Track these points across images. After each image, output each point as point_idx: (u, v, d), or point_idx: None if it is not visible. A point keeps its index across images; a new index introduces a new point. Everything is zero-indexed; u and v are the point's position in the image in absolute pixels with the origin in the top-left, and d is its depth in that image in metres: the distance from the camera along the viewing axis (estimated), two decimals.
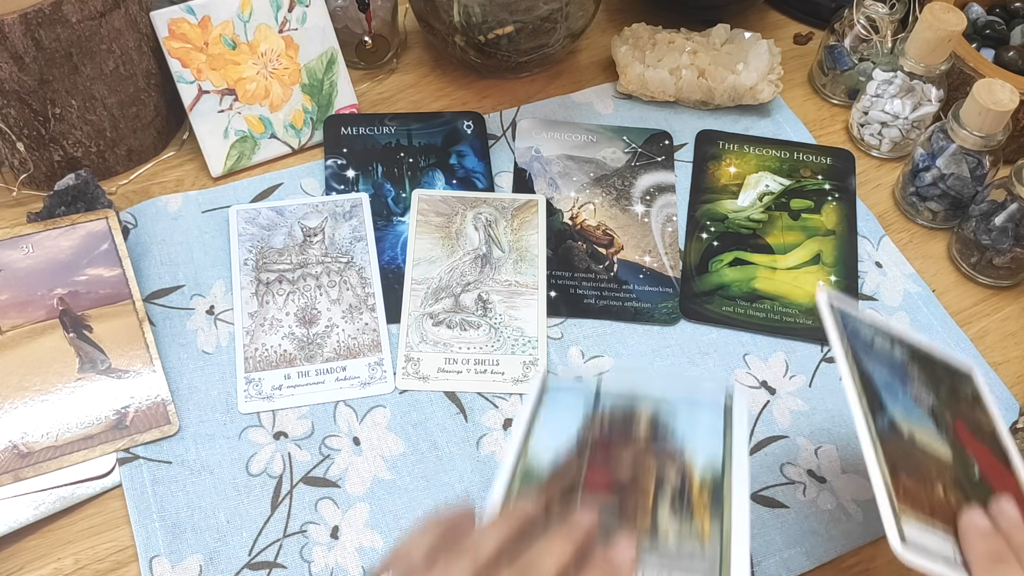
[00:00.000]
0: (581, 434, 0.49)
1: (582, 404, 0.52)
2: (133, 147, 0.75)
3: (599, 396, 0.52)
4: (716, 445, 0.49)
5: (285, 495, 0.59)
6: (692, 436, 0.49)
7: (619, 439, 0.49)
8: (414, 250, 0.70)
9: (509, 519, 0.40)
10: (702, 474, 0.47)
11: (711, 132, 0.80)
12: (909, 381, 0.50)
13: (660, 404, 0.51)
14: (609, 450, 0.48)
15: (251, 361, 0.64)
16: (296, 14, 0.75)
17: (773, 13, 0.92)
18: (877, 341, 0.51)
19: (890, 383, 0.49)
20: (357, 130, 0.77)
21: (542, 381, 0.54)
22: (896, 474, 0.44)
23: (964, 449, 0.48)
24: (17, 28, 0.62)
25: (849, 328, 0.50)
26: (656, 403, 0.51)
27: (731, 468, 0.47)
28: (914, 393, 0.49)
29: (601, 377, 0.54)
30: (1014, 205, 0.68)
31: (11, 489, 0.58)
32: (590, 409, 0.51)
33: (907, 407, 0.48)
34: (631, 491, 0.46)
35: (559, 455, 0.48)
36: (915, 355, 0.52)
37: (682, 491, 0.46)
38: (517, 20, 0.74)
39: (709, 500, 0.46)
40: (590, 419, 0.50)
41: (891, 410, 0.47)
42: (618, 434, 0.49)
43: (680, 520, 0.45)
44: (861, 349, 0.49)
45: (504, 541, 0.39)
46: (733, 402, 0.51)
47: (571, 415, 0.51)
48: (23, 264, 0.65)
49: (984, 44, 0.82)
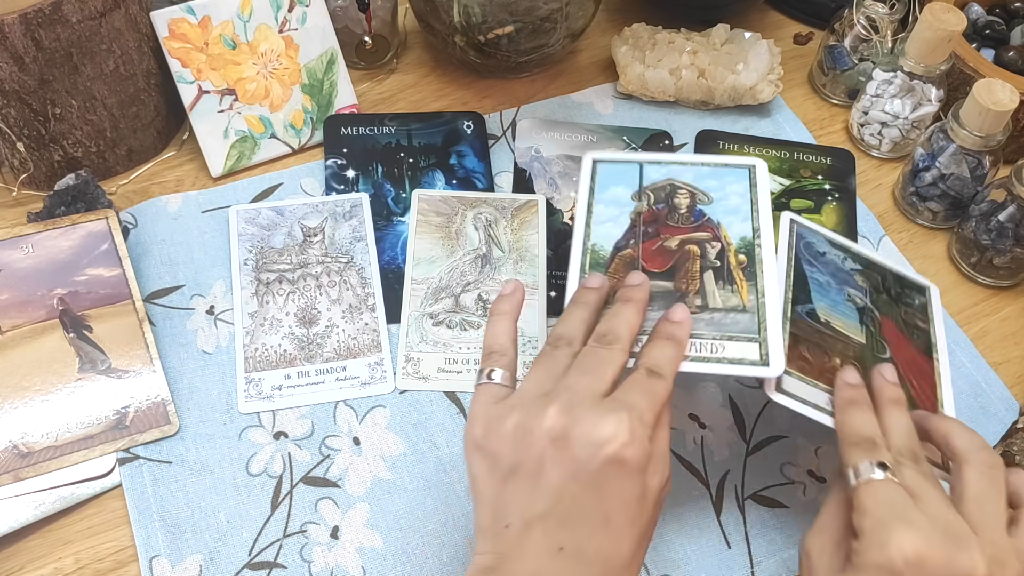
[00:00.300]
0: (634, 207, 0.60)
1: (630, 177, 0.62)
2: (133, 147, 0.75)
3: (643, 170, 0.62)
4: (745, 215, 0.59)
5: (285, 495, 0.59)
6: (725, 206, 0.60)
7: (664, 212, 0.60)
8: (414, 250, 0.70)
9: (587, 304, 0.52)
10: (737, 245, 0.58)
11: (711, 132, 0.80)
12: (848, 285, 0.61)
13: (696, 178, 0.62)
14: (658, 222, 0.59)
15: (251, 361, 0.64)
16: (296, 14, 0.75)
17: (773, 13, 0.93)
18: (830, 253, 0.63)
19: (826, 284, 0.60)
20: (357, 130, 0.77)
21: (592, 159, 0.63)
22: (796, 346, 0.55)
23: (881, 336, 0.59)
24: (17, 28, 0.62)
25: (803, 240, 0.62)
26: (693, 176, 0.62)
27: (760, 236, 0.58)
28: (848, 293, 0.61)
29: (643, 162, 0.63)
30: (1014, 205, 0.68)
31: (11, 489, 0.58)
32: (636, 183, 0.61)
33: (834, 302, 0.60)
34: (681, 265, 0.57)
35: (618, 236, 0.59)
36: (869, 267, 0.63)
37: (722, 263, 0.57)
38: (517, 20, 0.74)
39: (743, 269, 0.57)
40: (638, 193, 0.61)
41: (817, 303, 0.59)
42: (664, 206, 0.60)
43: (723, 287, 0.56)
44: (808, 256, 0.62)
45: (587, 321, 0.50)
46: (756, 172, 0.61)
47: (622, 188, 0.61)
48: (23, 264, 0.65)
49: (984, 44, 0.82)
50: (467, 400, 0.64)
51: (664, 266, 0.57)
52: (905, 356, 0.59)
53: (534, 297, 0.69)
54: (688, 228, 0.59)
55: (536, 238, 0.72)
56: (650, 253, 0.58)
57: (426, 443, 0.62)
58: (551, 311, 0.68)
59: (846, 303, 0.60)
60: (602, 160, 0.63)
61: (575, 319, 0.50)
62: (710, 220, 0.59)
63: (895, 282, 0.64)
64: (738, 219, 0.59)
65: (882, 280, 0.63)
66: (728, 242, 0.58)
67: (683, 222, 0.59)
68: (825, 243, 0.63)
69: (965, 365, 0.67)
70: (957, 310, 0.71)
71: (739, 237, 0.58)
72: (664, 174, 0.62)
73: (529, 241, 0.72)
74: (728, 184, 0.61)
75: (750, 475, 0.61)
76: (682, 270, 0.57)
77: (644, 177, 0.62)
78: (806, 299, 0.59)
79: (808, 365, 0.55)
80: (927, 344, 0.62)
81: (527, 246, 0.71)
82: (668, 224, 0.59)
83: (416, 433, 0.62)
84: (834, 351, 0.57)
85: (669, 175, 0.62)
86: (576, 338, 0.49)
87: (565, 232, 0.73)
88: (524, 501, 0.44)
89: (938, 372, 0.61)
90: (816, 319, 0.58)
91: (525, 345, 0.66)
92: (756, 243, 0.58)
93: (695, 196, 0.61)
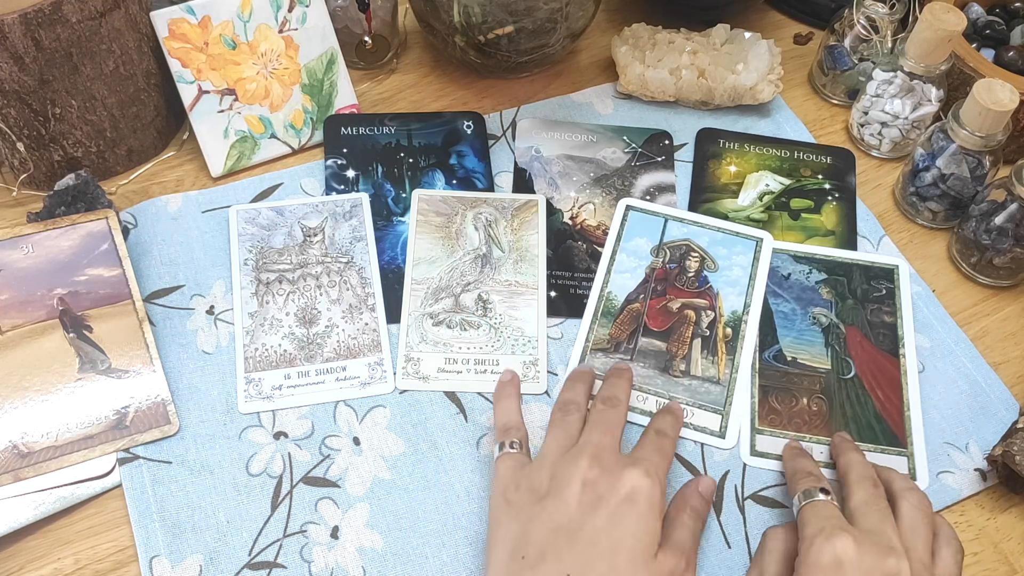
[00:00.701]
0: (650, 263, 0.69)
1: (653, 230, 0.70)
2: (133, 147, 0.75)
3: (666, 225, 0.71)
4: (742, 289, 0.67)
5: (285, 495, 0.59)
6: (727, 277, 0.68)
7: (675, 271, 0.68)
8: (414, 250, 0.70)
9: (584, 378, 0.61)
10: (728, 318, 0.66)
11: (712, 131, 0.80)
12: (813, 304, 0.67)
13: (710, 244, 0.70)
14: (667, 281, 0.68)
15: (251, 361, 0.64)
16: (296, 14, 0.75)
17: (773, 13, 0.92)
18: (795, 272, 0.69)
19: (791, 313, 0.67)
20: (357, 130, 0.77)
21: (626, 205, 0.72)
22: (765, 399, 0.63)
23: (847, 353, 0.65)
24: (17, 28, 0.62)
25: (771, 268, 0.69)
26: (708, 240, 0.70)
27: (749, 312, 0.66)
28: (813, 315, 0.67)
29: (668, 217, 0.71)
30: (1014, 205, 0.68)
31: (11, 489, 0.58)
32: (658, 237, 0.70)
33: (800, 332, 0.66)
34: (676, 328, 0.66)
35: (631, 288, 0.68)
36: (835, 271, 0.69)
37: (711, 334, 0.65)
38: (517, 20, 0.74)
39: (727, 343, 0.65)
40: (657, 248, 0.69)
41: (782, 339, 0.66)
42: (676, 266, 0.68)
43: (706, 356, 0.65)
44: (773, 286, 0.68)
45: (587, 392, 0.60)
46: (761, 246, 0.70)
47: (645, 240, 0.70)
48: (23, 264, 0.65)
49: (984, 44, 0.82)
50: (467, 400, 0.64)
51: (663, 326, 0.66)
52: (870, 366, 0.65)
53: (534, 297, 0.69)
54: (691, 293, 0.67)
55: (536, 238, 0.72)
56: (654, 311, 0.66)
57: (426, 443, 0.62)
58: (551, 311, 0.68)
59: (811, 328, 0.67)
60: (634, 208, 0.72)
61: (578, 390, 0.59)
62: (711, 288, 0.68)
63: (861, 278, 0.69)
64: (735, 292, 0.67)
65: (848, 282, 0.69)
66: (721, 313, 0.66)
67: (688, 285, 0.68)
68: (790, 261, 0.70)
69: (965, 365, 0.67)
70: (957, 310, 0.71)
71: (731, 311, 0.67)
72: (684, 233, 0.70)
73: (529, 241, 0.72)
74: (735, 254, 0.69)
75: (750, 475, 0.61)
76: (676, 333, 0.66)
77: (666, 233, 0.70)
78: (772, 340, 0.66)
79: (777, 416, 0.63)
80: (893, 341, 0.66)
81: (527, 246, 0.71)
82: (675, 286, 0.68)
83: (416, 433, 0.62)
84: (801, 390, 0.64)
85: (688, 235, 0.70)
86: (582, 403, 0.58)
87: (565, 232, 0.73)
88: (544, 531, 0.50)
89: (904, 370, 0.65)
90: (783, 360, 0.65)
91: (525, 345, 0.66)
92: (744, 319, 0.66)
93: (704, 262, 0.69)
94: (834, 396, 0.64)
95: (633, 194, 0.75)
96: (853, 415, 0.63)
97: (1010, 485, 0.62)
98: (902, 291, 0.69)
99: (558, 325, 0.68)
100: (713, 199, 0.75)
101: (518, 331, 0.67)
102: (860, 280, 0.69)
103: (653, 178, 0.76)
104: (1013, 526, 0.61)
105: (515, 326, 0.67)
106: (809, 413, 0.63)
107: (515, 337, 0.66)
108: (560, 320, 0.68)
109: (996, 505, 0.61)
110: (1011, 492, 0.62)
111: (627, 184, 0.76)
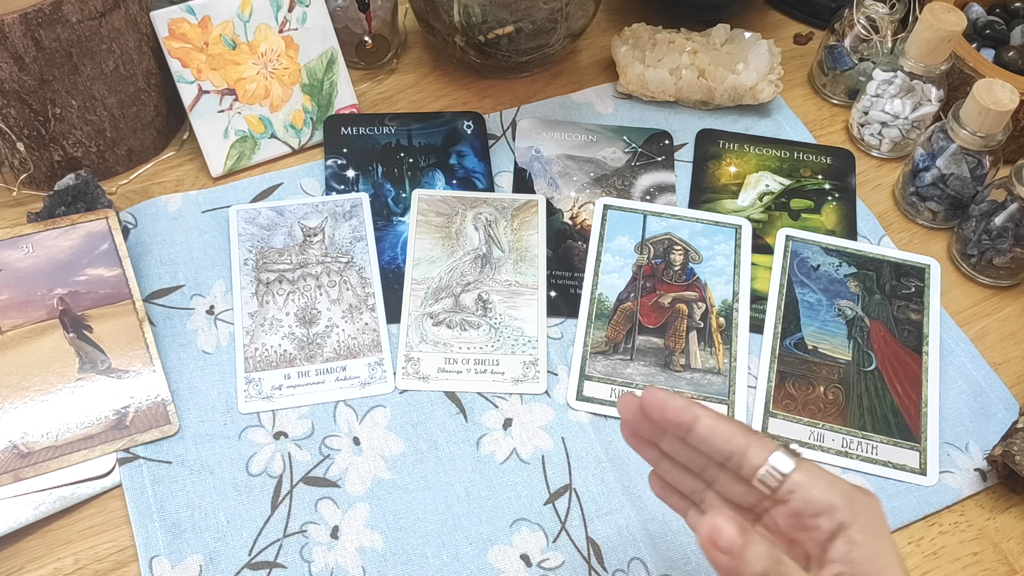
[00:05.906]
0: (636, 260, 0.69)
1: (634, 227, 0.71)
2: (133, 147, 0.75)
3: (646, 221, 0.71)
4: (728, 277, 0.68)
5: (285, 495, 0.59)
6: (712, 267, 0.69)
7: (661, 266, 0.69)
8: (414, 250, 0.70)
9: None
10: (719, 308, 0.67)
11: (712, 131, 0.80)
12: (840, 297, 0.68)
13: (691, 235, 0.71)
14: (655, 277, 0.69)
15: (251, 361, 0.64)
16: (296, 14, 0.75)
17: (773, 13, 0.92)
18: (824, 263, 0.70)
19: (816, 303, 0.68)
20: (357, 130, 0.77)
21: (603, 204, 0.72)
22: (782, 384, 0.65)
23: (868, 346, 0.66)
24: (17, 28, 0.62)
25: (797, 257, 0.70)
26: (688, 232, 0.71)
27: (739, 300, 0.68)
28: (839, 307, 0.68)
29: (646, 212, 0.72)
30: (1014, 205, 0.68)
31: (11, 489, 0.58)
32: (639, 234, 0.71)
33: (823, 322, 0.67)
34: (671, 324, 0.67)
35: (621, 288, 0.68)
36: (865, 265, 0.70)
37: (705, 325, 0.67)
38: (517, 20, 0.74)
39: (722, 332, 0.66)
40: (640, 244, 0.70)
41: (806, 328, 0.67)
42: (661, 261, 0.69)
43: (704, 348, 0.66)
44: (801, 276, 0.69)
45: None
46: (741, 232, 0.71)
47: (627, 239, 0.71)
48: (23, 264, 0.65)
49: (984, 44, 0.82)
50: (467, 400, 0.64)
51: (658, 323, 0.67)
52: (892, 360, 0.66)
53: (534, 297, 0.69)
54: (680, 286, 0.68)
55: (536, 238, 0.72)
56: (647, 308, 0.67)
57: (426, 443, 0.62)
58: (551, 311, 0.68)
59: (835, 319, 0.67)
60: (612, 207, 0.72)
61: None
62: (699, 280, 0.69)
63: (891, 274, 0.70)
64: (722, 281, 0.68)
65: (877, 277, 0.69)
66: (712, 303, 0.67)
67: (676, 279, 0.68)
68: (820, 253, 0.70)
69: (965, 365, 0.67)
70: (957, 310, 0.71)
71: (721, 300, 0.68)
72: (664, 227, 0.71)
73: (529, 241, 0.72)
74: (716, 244, 0.70)
75: None
76: (671, 328, 0.67)
77: (647, 228, 0.71)
78: (795, 328, 0.67)
79: (792, 402, 0.64)
80: (918, 339, 0.67)
81: (527, 246, 0.71)
82: (664, 280, 0.68)
83: (416, 433, 0.62)
84: (819, 379, 0.65)
85: (668, 229, 0.71)
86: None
87: (565, 232, 0.73)
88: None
89: (925, 367, 0.66)
90: (804, 348, 0.66)
91: (525, 345, 0.66)
92: (735, 307, 0.67)
93: (688, 254, 0.69)
94: (852, 387, 0.65)
95: (633, 194, 0.75)
96: (869, 407, 0.64)
97: (1010, 485, 0.62)
98: (931, 290, 0.69)
99: (558, 325, 0.68)
100: (713, 199, 0.75)
101: (518, 331, 0.67)
102: (889, 276, 0.70)
103: (653, 178, 0.76)
104: (1013, 526, 0.61)
105: (515, 326, 0.67)
106: (824, 401, 0.64)
107: (515, 337, 0.66)
108: (560, 320, 0.68)
109: (996, 505, 0.61)
110: (1011, 492, 0.62)
111: (627, 184, 0.76)
